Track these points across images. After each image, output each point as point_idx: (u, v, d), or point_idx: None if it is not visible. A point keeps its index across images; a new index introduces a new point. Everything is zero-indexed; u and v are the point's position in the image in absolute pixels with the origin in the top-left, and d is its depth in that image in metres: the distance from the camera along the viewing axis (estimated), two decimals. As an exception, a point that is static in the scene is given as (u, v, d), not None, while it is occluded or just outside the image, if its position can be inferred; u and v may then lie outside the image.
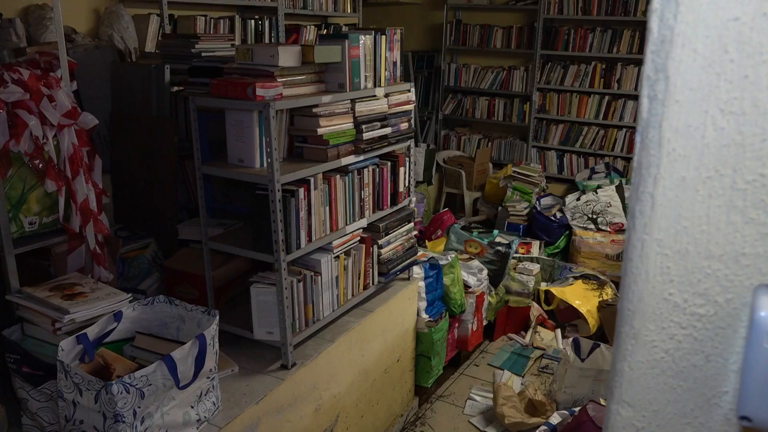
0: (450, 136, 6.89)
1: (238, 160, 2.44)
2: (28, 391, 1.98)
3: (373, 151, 2.77)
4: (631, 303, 0.53)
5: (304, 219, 2.44)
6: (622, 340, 0.54)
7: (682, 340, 0.52)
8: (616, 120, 5.99)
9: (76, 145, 2.05)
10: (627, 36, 5.81)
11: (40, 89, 1.94)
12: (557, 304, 4.37)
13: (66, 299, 2.00)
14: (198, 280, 2.64)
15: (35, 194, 2.06)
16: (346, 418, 2.85)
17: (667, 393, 0.53)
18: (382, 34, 2.79)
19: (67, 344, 1.85)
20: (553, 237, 5.15)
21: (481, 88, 6.65)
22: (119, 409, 1.73)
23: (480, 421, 3.42)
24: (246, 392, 2.30)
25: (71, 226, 2.13)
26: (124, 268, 2.70)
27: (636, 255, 0.52)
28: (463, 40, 6.65)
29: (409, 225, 3.15)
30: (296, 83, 2.45)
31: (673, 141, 0.49)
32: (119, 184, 3.12)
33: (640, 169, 0.51)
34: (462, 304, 3.70)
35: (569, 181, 6.20)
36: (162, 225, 3.04)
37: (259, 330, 2.46)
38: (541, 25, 6.12)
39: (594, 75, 6.02)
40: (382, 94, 2.82)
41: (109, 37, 3.56)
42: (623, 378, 0.54)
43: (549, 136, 6.36)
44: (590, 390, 3.37)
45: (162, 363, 1.82)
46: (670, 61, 0.47)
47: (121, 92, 3.26)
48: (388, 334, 3.11)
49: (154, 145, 3.04)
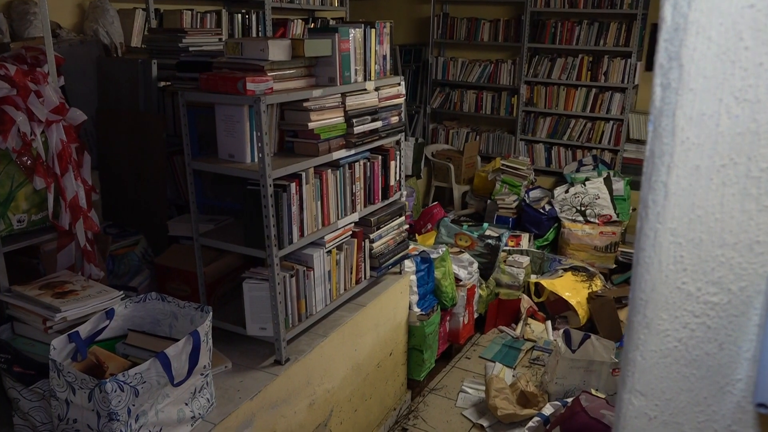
0: (438, 129, 6.89)
1: (228, 156, 2.43)
2: (20, 391, 1.96)
3: (364, 145, 2.76)
4: (643, 292, 0.53)
5: (296, 214, 2.43)
6: (635, 330, 0.54)
7: (695, 329, 0.52)
8: (603, 112, 6.01)
9: (65, 142, 2.03)
10: (614, 29, 5.83)
11: (27, 85, 1.91)
12: (547, 296, 4.40)
13: (57, 297, 1.98)
14: (189, 276, 2.62)
15: (23, 191, 2.03)
16: (340, 413, 2.85)
17: (680, 381, 0.53)
18: (372, 27, 2.77)
19: (59, 343, 1.83)
20: (542, 229, 5.17)
21: (468, 81, 6.65)
22: (113, 407, 1.72)
23: (472, 414, 3.44)
24: (240, 388, 2.29)
25: (61, 224, 2.10)
26: (114, 266, 2.67)
27: (649, 244, 0.52)
28: (450, 33, 6.65)
29: (400, 219, 3.15)
30: (286, 77, 2.44)
31: (686, 129, 0.48)
32: (107, 181, 3.09)
33: (652, 158, 0.51)
34: (453, 297, 3.71)
35: (557, 173, 6.23)
36: (151, 221, 3.02)
37: (252, 326, 2.45)
38: (528, 18, 6.13)
39: (581, 68, 6.04)
40: (373, 88, 2.81)
41: (94, 32, 3.52)
42: (636, 367, 0.54)
43: (537, 128, 6.38)
44: (581, 381, 3.39)
45: (156, 360, 1.81)
46: (684, 49, 0.47)
47: (108, 88, 3.22)
48: (381, 328, 3.11)
49: (142, 140, 3.01)
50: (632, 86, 5.85)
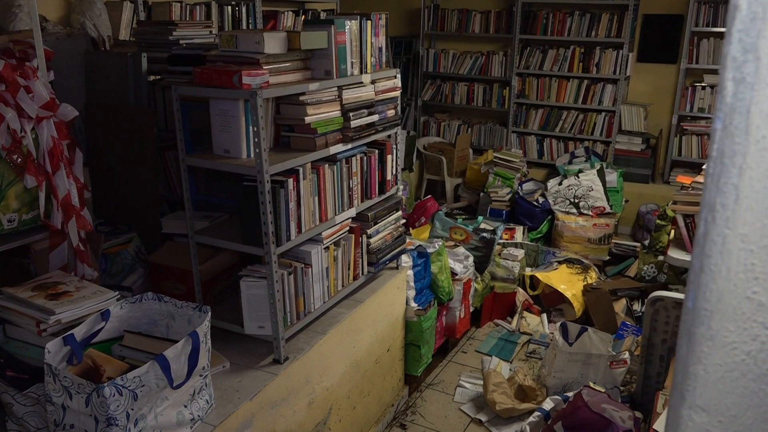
0: (429, 122, 6.85)
1: (224, 151, 2.37)
2: (13, 396, 1.90)
3: (360, 139, 2.72)
4: (708, 302, 0.49)
5: (294, 210, 2.38)
6: (697, 342, 0.50)
7: (765, 341, 0.49)
8: (595, 104, 6.00)
9: (56, 138, 1.96)
10: (605, 20, 5.81)
11: (16, 80, 1.84)
12: (542, 289, 4.38)
13: (50, 299, 1.92)
14: (184, 274, 2.57)
15: (14, 190, 1.97)
16: (339, 411, 2.81)
17: (747, 397, 0.50)
18: (368, 19, 2.72)
19: (54, 346, 1.78)
20: (536, 222, 5.16)
21: (459, 73, 6.61)
22: (112, 411, 1.67)
23: (470, 408, 3.42)
24: (239, 388, 2.25)
25: (53, 223, 2.04)
26: (107, 265, 2.61)
27: (716, 251, 0.48)
28: (441, 25, 6.60)
29: (397, 213, 3.11)
30: (282, 71, 2.38)
31: (762, 128, 0.45)
32: (97, 177, 3.02)
33: (721, 158, 0.47)
34: (450, 291, 3.68)
35: (549, 165, 6.21)
36: (142, 218, 2.95)
37: (250, 325, 2.40)
38: (519, 10, 6.09)
39: (573, 59, 6.02)
40: (369, 81, 2.76)
41: (81, 25, 3.43)
42: (697, 382, 0.51)
43: (529, 120, 6.35)
44: (579, 374, 3.38)
45: (155, 363, 1.76)
46: (762, 40, 0.43)
47: (96, 82, 3.15)
48: (378, 324, 3.08)
49: (132, 136, 2.94)
50: (624, 77, 5.84)
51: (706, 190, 0.49)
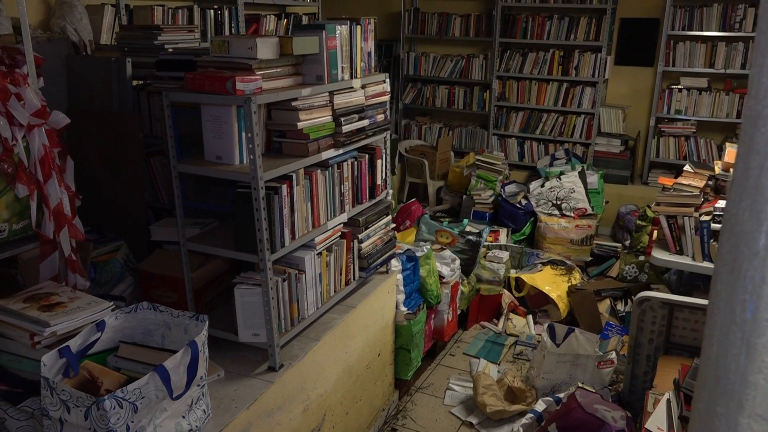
0: (411, 125, 6.86)
1: (216, 157, 2.35)
2: (6, 410, 1.85)
3: (352, 144, 2.71)
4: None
5: (288, 216, 2.36)
6: (758, 352, 0.51)
7: (828, 351, 0.49)
8: (574, 106, 6.07)
9: (47, 146, 1.92)
10: (583, 23, 5.88)
11: (6, 87, 1.80)
12: (528, 290, 4.42)
13: (44, 311, 1.88)
14: (176, 282, 2.53)
15: (4, 200, 1.92)
16: (332, 417, 2.80)
17: (809, 406, 0.51)
18: (357, 24, 2.72)
19: (49, 359, 1.73)
20: (518, 224, 5.20)
21: (440, 76, 6.64)
22: (112, 425, 1.64)
23: (461, 411, 3.43)
24: (235, 397, 2.23)
25: (44, 232, 2.00)
26: (96, 274, 2.56)
27: (780, 262, 0.49)
28: (421, 28, 6.62)
29: (387, 218, 3.11)
30: (274, 76, 2.37)
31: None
32: (82, 184, 2.95)
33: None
34: (438, 294, 3.69)
35: (530, 167, 6.27)
36: (129, 225, 2.91)
37: (244, 332, 2.38)
38: (499, 13, 6.14)
39: (552, 62, 6.09)
40: (359, 86, 2.76)
41: (61, 29, 3.37)
42: (757, 391, 0.52)
43: (509, 123, 6.40)
44: (568, 375, 3.41)
45: (155, 374, 1.73)
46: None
47: (78, 87, 3.09)
48: (370, 329, 3.07)
49: (117, 142, 2.90)
50: (602, 80, 5.92)
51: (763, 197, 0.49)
